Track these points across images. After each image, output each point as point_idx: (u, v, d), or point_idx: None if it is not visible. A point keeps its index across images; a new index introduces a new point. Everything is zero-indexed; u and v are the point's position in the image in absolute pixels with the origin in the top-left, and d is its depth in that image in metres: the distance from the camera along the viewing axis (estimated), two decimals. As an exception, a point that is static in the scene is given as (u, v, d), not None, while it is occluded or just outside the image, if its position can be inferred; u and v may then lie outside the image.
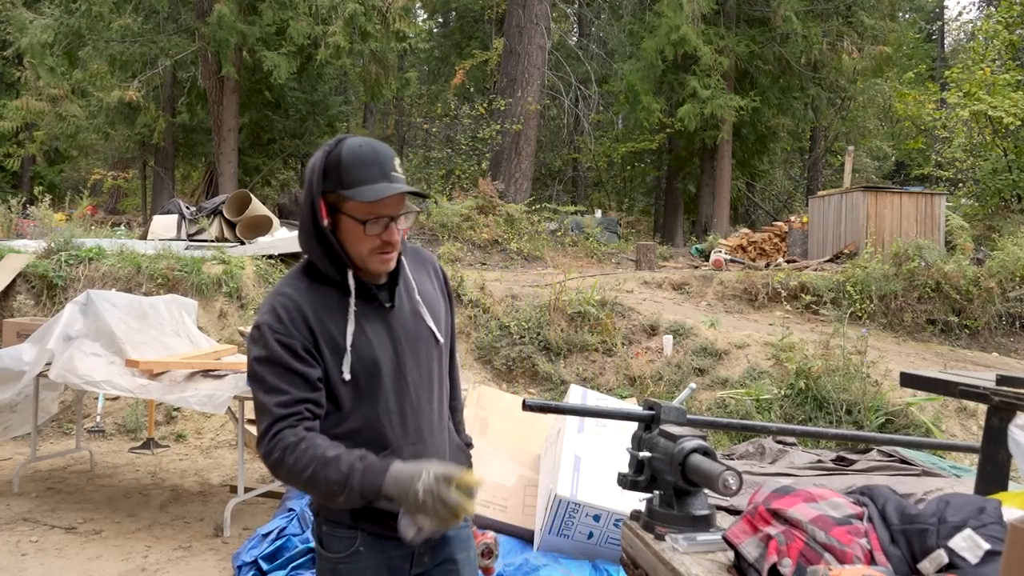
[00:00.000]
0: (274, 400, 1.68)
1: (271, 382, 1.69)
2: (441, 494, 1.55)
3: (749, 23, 16.92)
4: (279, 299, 1.74)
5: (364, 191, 1.68)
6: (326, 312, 1.75)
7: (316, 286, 1.77)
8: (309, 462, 1.63)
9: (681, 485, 1.73)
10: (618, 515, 3.26)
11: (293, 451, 1.64)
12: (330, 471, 1.62)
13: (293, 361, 1.69)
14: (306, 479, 1.64)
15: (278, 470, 1.68)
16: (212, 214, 10.46)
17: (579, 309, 7.92)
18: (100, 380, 4.68)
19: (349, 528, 1.79)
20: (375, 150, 1.73)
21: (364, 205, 1.69)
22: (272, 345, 1.70)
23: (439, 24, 29.23)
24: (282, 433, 1.66)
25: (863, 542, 1.54)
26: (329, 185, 1.71)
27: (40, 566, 4.17)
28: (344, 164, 1.70)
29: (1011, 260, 9.60)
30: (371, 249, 1.74)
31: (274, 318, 1.72)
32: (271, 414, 1.68)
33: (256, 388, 1.72)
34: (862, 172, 22.86)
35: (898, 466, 3.49)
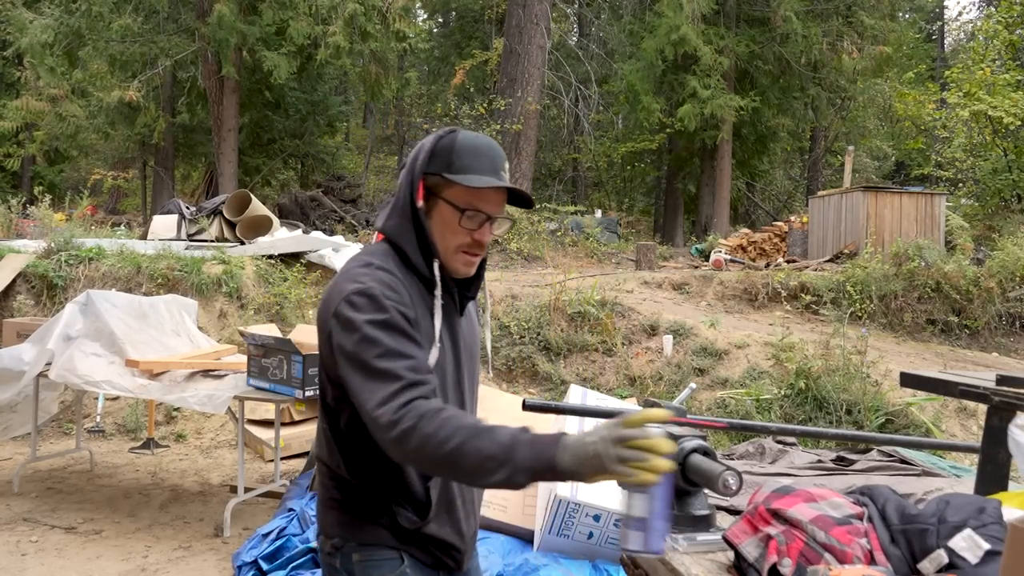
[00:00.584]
0: (402, 364, 1.47)
1: (392, 345, 1.48)
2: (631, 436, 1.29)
3: (749, 23, 16.92)
4: (379, 273, 1.57)
5: (471, 178, 1.60)
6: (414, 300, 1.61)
7: (404, 269, 1.63)
8: (454, 432, 1.37)
9: (681, 485, 1.73)
10: (618, 515, 3.26)
11: (432, 418, 1.39)
12: (484, 442, 1.35)
13: (411, 331, 1.53)
14: (449, 451, 1.36)
15: (406, 440, 1.40)
16: (212, 214, 10.46)
17: (579, 309, 7.92)
18: (100, 380, 4.68)
19: (391, 549, 1.61)
20: (490, 144, 1.67)
21: (467, 191, 1.61)
22: (390, 308, 1.52)
23: (439, 24, 29.24)
24: (416, 402, 1.43)
25: (863, 542, 1.54)
26: (434, 167, 1.63)
27: (40, 566, 4.17)
28: (457, 149, 1.62)
29: (1011, 260, 9.60)
30: (459, 245, 1.64)
31: (384, 286, 1.55)
32: (399, 378, 1.45)
33: (367, 353, 1.48)
34: (862, 172, 22.86)
35: (898, 466, 3.49)
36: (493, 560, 3.39)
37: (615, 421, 1.32)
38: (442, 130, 1.69)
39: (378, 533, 1.61)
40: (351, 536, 1.63)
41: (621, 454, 1.28)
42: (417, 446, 1.39)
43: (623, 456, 1.27)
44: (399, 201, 1.66)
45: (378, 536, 1.61)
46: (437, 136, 1.67)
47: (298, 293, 8.16)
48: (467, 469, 1.37)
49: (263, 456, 6.23)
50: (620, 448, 1.28)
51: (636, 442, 1.28)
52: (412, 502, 1.62)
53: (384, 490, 1.61)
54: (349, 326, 1.51)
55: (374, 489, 1.61)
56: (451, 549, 1.68)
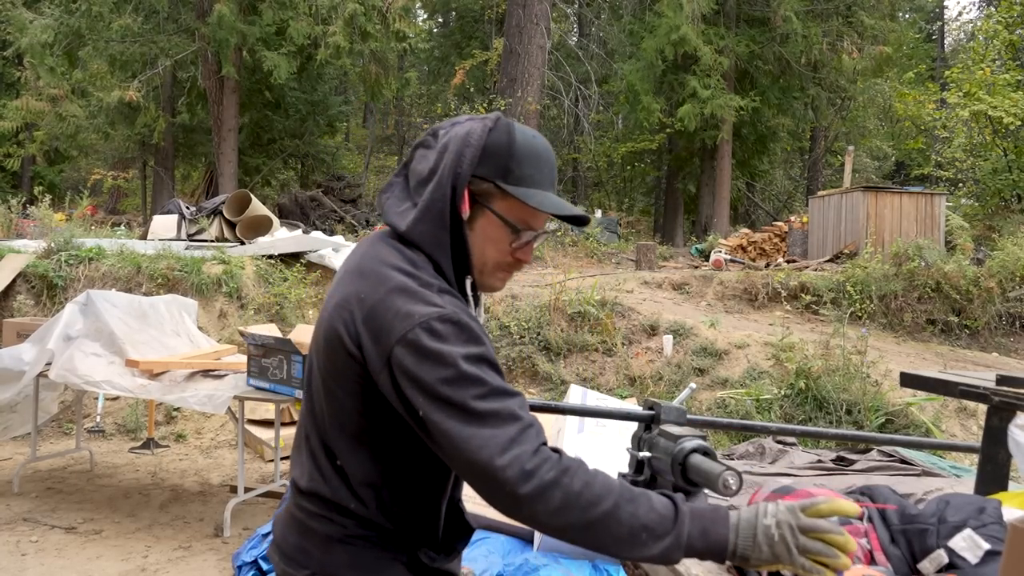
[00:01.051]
0: (515, 403, 1.25)
1: (497, 383, 1.25)
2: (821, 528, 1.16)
3: (749, 23, 16.92)
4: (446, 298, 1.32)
5: (536, 195, 1.36)
6: None
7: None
8: (606, 492, 1.19)
9: (681, 485, 1.73)
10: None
11: (577, 473, 1.20)
12: (640, 508, 1.19)
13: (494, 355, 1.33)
14: (599, 515, 1.18)
15: (547, 497, 1.18)
16: (212, 214, 10.46)
17: (579, 309, 7.92)
18: (100, 380, 4.68)
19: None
20: (547, 147, 1.41)
21: (529, 211, 1.37)
22: (483, 339, 1.29)
23: (439, 24, 29.25)
24: (546, 449, 1.22)
25: (863, 542, 1.54)
26: (486, 170, 1.35)
27: (40, 566, 4.17)
28: (517, 153, 1.36)
29: (1011, 260, 9.60)
30: (499, 262, 1.41)
31: (463, 312, 1.30)
32: (518, 419, 1.23)
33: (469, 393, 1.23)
34: (862, 172, 22.86)
35: (898, 466, 3.49)
36: (493, 560, 3.39)
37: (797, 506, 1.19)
38: (489, 119, 1.39)
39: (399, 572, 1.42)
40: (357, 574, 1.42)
41: (807, 546, 1.16)
42: (559, 505, 1.18)
43: (809, 548, 1.15)
44: (433, 203, 1.36)
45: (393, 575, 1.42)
46: (486, 127, 1.37)
47: (298, 293, 8.16)
48: (616, 537, 1.20)
49: (263, 456, 6.23)
50: (807, 539, 1.16)
51: (826, 536, 1.16)
52: (434, 540, 1.47)
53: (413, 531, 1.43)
54: (438, 360, 1.24)
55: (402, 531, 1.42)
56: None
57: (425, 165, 1.40)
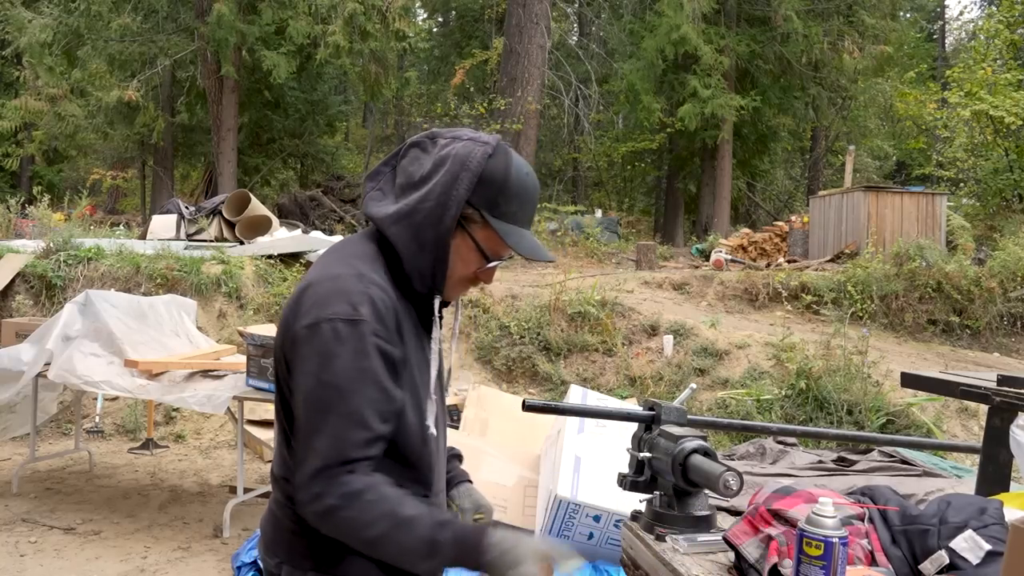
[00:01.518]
0: (350, 431, 1.31)
1: (359, 405, 1.32)
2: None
3: (749, 22, 16.92)
4: (373, 289, 1.36)
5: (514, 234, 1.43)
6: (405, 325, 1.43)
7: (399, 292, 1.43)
8: (378, 518, 1.30)
9: (682, 486, 1.72)
10: (618, 516, 3.25)
11: (356, 500, 1.30)
12: (404, 536, 1.30)
13: (387, 379, 1.35)
14: (370, 538, 1.31)
15: (328, 518, 1.32)
16: (211, 214, 10.46)
17: (579, 309, 7.91)
18: (99, 380, 4.67)
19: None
20: (535, 188, 1.48)
21: (502, 246, 1.44)
22: (371, 350, 1.33)
23: (439, 24, 29.24)
24: (343, 479, 1.31)
25: (864, 543, 1.54)
26: (478, 199, 1.41)
27: (39, 567, 4.16)
28: (509, 190, 1.42)
29: (1012, 260, 9.59)
30: (463, 278, 1.49)
31: (375, 315, 1.34)
32: (348, 446, 1.31)
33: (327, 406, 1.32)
34: (863, 172, 22.85)
35: (899, 466, 3.48)
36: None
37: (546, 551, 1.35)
38: (490, 144, 1.43)
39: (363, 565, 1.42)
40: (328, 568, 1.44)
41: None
42: (335, 526, 1.33)
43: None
44: (419, 212, 1.40)
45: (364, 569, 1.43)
46: (485, 154, 1.41)
47: (298, 293, 8.15)
48: (387, 556, 1.35)
49: (263, 456, 6.22)
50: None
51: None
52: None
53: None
54: (321, 359, 1.33)
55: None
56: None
57: (417, 169, 1.44)
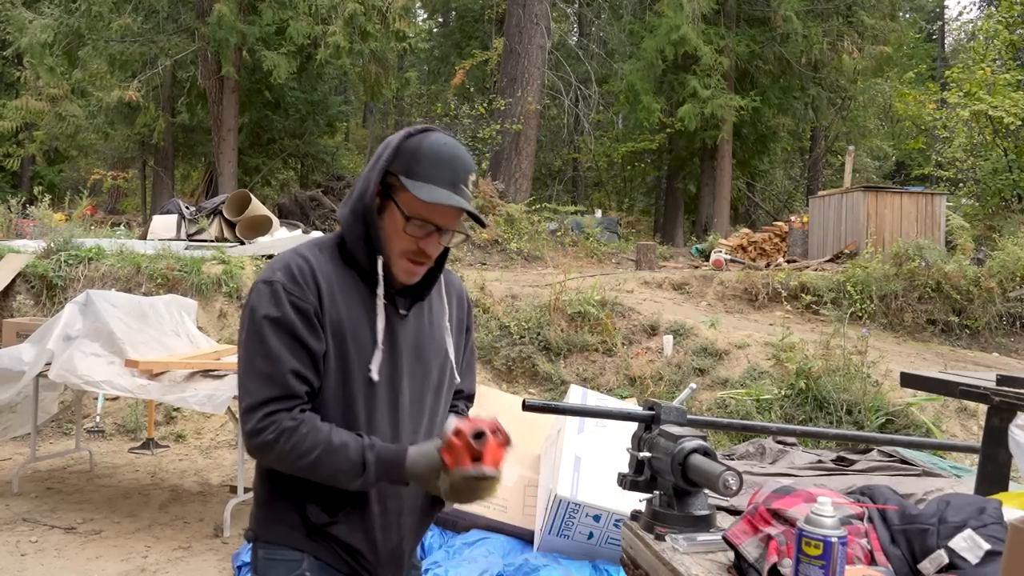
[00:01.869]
0: (277, 372, 1.52)
1: (275, 350, 1.52)
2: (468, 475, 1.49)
3: (749, 23, 16.92)
4: (295, 259, 1.59)
5: (424, 188, 1.56)
6: (341, 292, 1.60)
7: (338, 264, 1.63)
8: (312, 447, 1.51)
9: (681, 485, 1.73)
10: (618, 515, 3.26)
11: (292, 435, 1.51)
12: (338, 459, 1.52)
13: (305, 331, 1.54)
14: (307, 464, 1.52)
15: (265, 452, 1.53)
16: (212, 214, 10.46)
17: (579, 309, 7.91)
18: (100, 380, 4.68)
19: (293, 550, 1.61)
20: (454, 154, 1.61)
21: (417, 202, 1.57)
22: (285, 306, 1.53)
23: (439, 24, 29.24)
24: (278, 415, 1.51)
25: (863, 542, 1.54)
26: (396, 167, 1.59)
27: (40, 566, 4.17)
28: (420, 153, 1.58)
29: (1011, 260, 9.59)
30: (403, 251, 1.61)
31: (288, 277, 1.56)
32: (270, 389, 1.52)
33: (254, 350, 1.54)
34: (862, 172, 22.84)
35: (898, 466, 3.49)
36: (493, 560, 3.39)
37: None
38: (415, 127, 1.65)
39: (284, 532, 1.62)
40: (260, 533, 1.65)
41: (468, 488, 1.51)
42: (275, 457, 1.54)
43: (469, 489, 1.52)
44: (355, 192, 1.63)
45: (283, 536, 1.62)
46: (407, 133, 1.62)
47: (298, 293, 8.15)
48: (322, 477, 1.55)
49: (263, 456, 6.22)
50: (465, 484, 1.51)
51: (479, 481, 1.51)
52: (322, 498, 1.60)
53: (297, 483, 1.59)
54: (248, 314, 1.57)
55: (287, 482, 1.60)
56: (359, 555, 1.64)
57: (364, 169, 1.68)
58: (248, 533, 1.69)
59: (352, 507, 1.62)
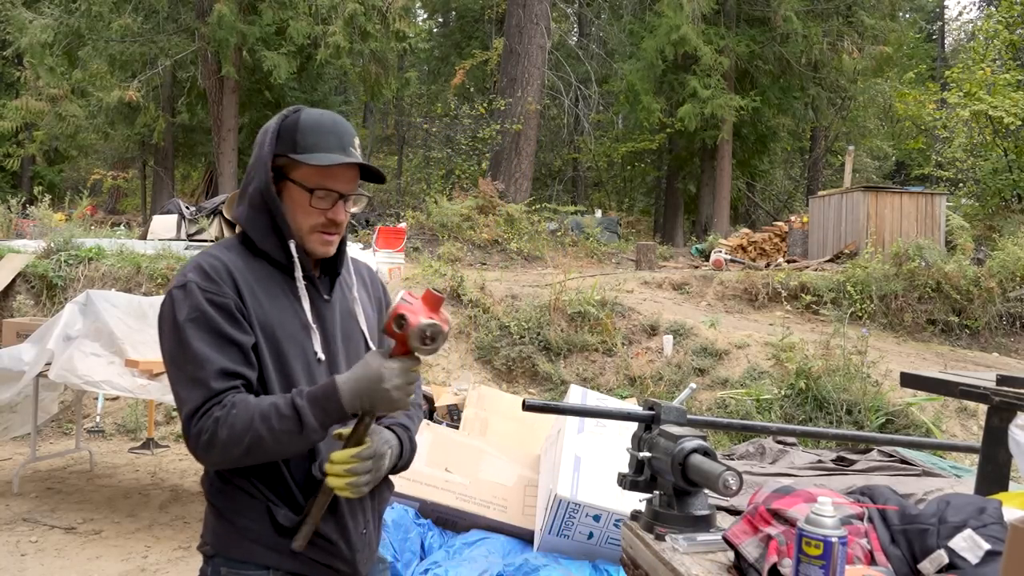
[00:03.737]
0: (207, 370, 1.45)
1: (201, 352, 1.46)
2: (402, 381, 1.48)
3: (749, 23, 16.92)
4: (204, 259, 1.56)
5: (318, 156, 1.57)
6: (258, 284, 1.57)
7: (249, 257, 1.60)
8: (246, 424, 1.43)
9: (681, 485, 1.73)
10: (618, 515, 3.26)
11: (225, 421, 1.43)
12: (273, 421, 1.43)
13: (227, 325, 1.49)
14: (248, 444, 1.43)
15: (210, 451, 1.45)
16: (212, 214, 10.46)
17: (579, 309, 7.92)
18: (100, 380, 4.68)
19: (260, 568, 1.54)
20: (334, 120, 1.63)
21: (316, 171, 1.57)
22: (203, 304, 1.49)
23: (439, 24, 29.24)
24: (212, 411, 1.45)
25: (863, 542, 1.54)
26: (281, 148, 1.59)
27: (40, 566, 4.17)
28: (301, 128, 1.59)
29: (1011, 260, 9.59)
30: (313, 225, 1.60)
31: (201, 275, 1.52)
32: (203, 391, 1.45)
33: (181, 358, 1.48)
34: (862, 172, 22.85)
35: (898, 466, 3.49)
36: (493, 560, 3.39)
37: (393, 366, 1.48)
38: (287, 109, 1.64)
39: (249, 548, 1.54)
40: (222, 548, 1.57)
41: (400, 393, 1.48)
42: (220, 452, 1.45)
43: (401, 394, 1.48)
44: (247, 185, 1.61)
45: (250, 553, 1.54)
46: (282, 116, 1.63)
47: (298, 293, 8.15)
48: (269, 452, 1.47)
49: (263, 456, 6.23)
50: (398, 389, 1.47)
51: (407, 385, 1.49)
52: (287, 497, 1.55)
53: (257, 487, 1.54)
54: (168, 323, 1.52)
55: (247, 487, 1.54)
56: (335, 548, 1.59)
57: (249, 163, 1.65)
58: (206, 548, 1.59)
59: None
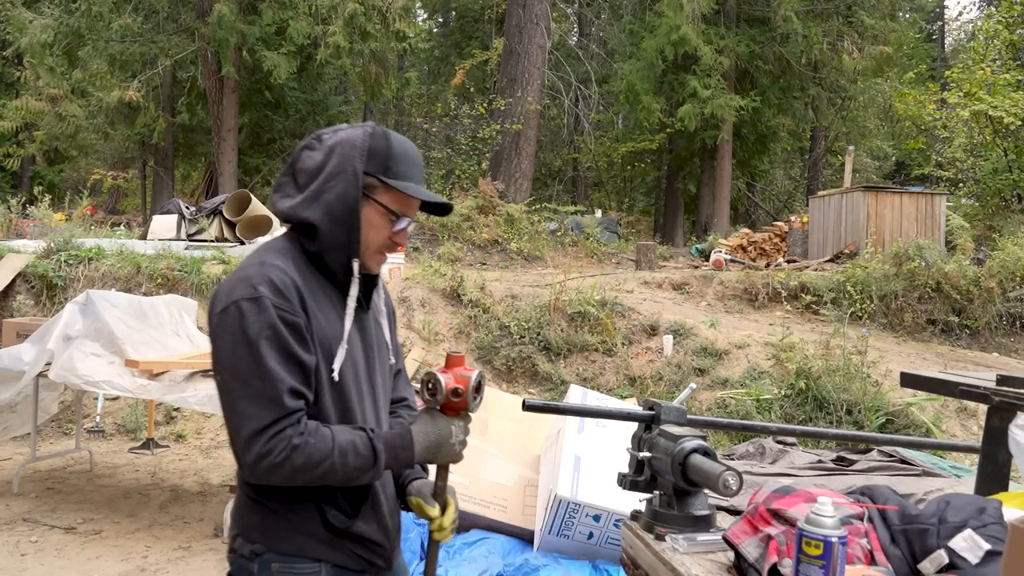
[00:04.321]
0: (279, 389, 1.47)
1: (272, 366, 1.47)
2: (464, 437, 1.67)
3: (749, 23, 16.91)
4: (272, 271, 1.54)
5: (410, 187, 1.64)
6: (314, 300, 1.58)
7: (304, 266, 1.61)
8: (324, 456, 1.50)
9: (681, 485, 1.73)
10: (618, 515, 3.26)
11: (303, 450, 1.48)
12: (350, 459, 1.52)
13: (297, 345, 1.51)
14: (321, 473, 1.51)
15: (275, 472, 1.48)
16: (212, 214, 10.46)
17: (579, 309, 7.91)
18: (100, 380, 4.68)
19: (312, 561, 1.60)
20: (416, 151, 1.71)
21: (404, 199, 1.64)
22: (276, 322, 1.49)
23: (439, 24, 29.22)
24: (285, 433, 1.47)
25: (863, 542, 1.54)
26: (372, 167, 1.61)
27: (40, 566, 4.17)
28: (394, 153, 1.63)
29: (1011, 260, 9.59)
30: (380, 246, 1.66)
31: (273, 291, 1.51)
32: (272, 411, 1.47)
33: (250, 372, 1.48)
34: (862, 172, 22.85)
35: (898, 466, 3.49)
36: (493, 560, 3.39)
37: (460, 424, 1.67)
38: (368, 126, 1.66)
39: (301, 543, 1.59)
40: (273, 545, 1.59)
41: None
42: (288, 474, 1.50)
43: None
44: (323, 192, 1.60)
45: (301, 546, 1.59)
46: (367, 133, 1.64)
47: (298, 293, 8.15)
48: (338, 480, 1.55)
49: (263, 456, 6.22)
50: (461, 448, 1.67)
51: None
52: (338, 499, 1.62)
53: (310, 491, 1.58)
54: (236, 336, 1.49)
55: (300, 491, 1.58)
56: (377, 546, 1.68)
57: (312, 163, 1.64)
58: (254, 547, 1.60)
59: (365, 502, 1.65)
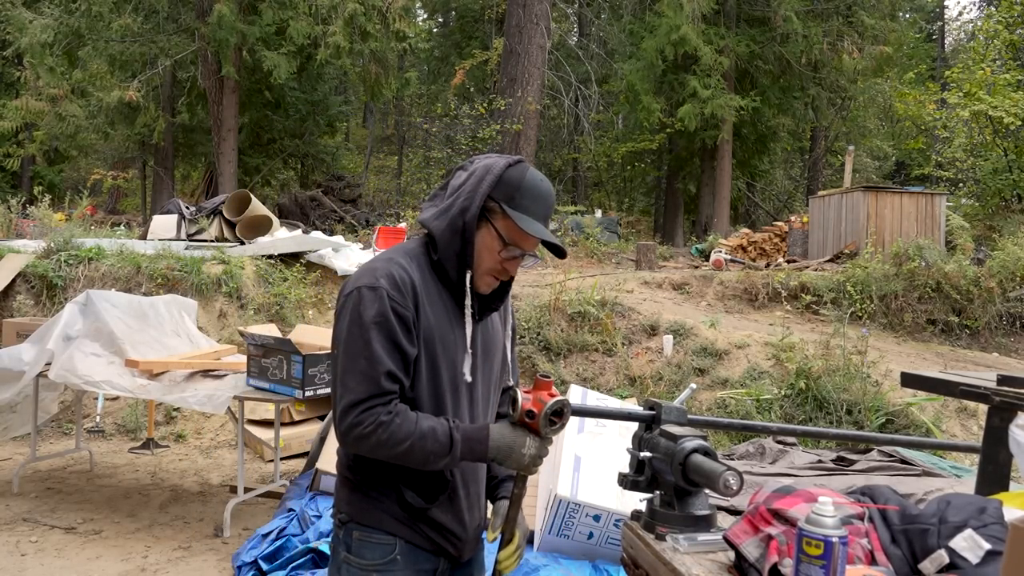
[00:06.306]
0: (376, 373, 1.67)
1: (377, 350, 1.67)
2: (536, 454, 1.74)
3: (749, 23, 16.92)
4: (395, 268, 1.74)
5: (526, 221, 1.75)
6: (430, 301, 1.76)
7: (425, 273, 1.79)
8: (406, 436, 1.66)
9: (682, 485, 1.73)
10: (618, 515, 3.26)
11: (388, 427, 1.66)
12: (429, 443, 1.68)
13: (402, 335, 1.70)
14: (401, 452, 1.68)
15: (361, 442, 1.68)
16: (212, 214, 10.45)
17: (579, 309, 7.91)
18: (100, 380, 4.68)
19: (387, 535, 1.79)
20: (549, 191, 1.82)
21: (517, 231, 1.76)
22: (388, 311, 1.69)
23: (439, 24, 29.24)
24: (376, 410, 1.67)
25: (864, 542, 1.54)
26: (498, 194, 1.76)
27: (40, 566, 4.17)
28: (523, 187, 1.77)
29: (1011, 260, 9.59)
30: (490, 269, 1.81)
31: (392, 285, 1.71)
32: (369, 387, 1.67)
33: (358, 352, 1.68)
34: (862, 172, 22.85)
35: (899, 466, 3.49)
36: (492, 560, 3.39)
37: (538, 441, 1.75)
38: (514, 158, 1.81)
39: (379, 517, 1.78)
40: (355, 515, 1.80)
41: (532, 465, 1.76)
42: (371, 446, 1.69)
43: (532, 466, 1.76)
44: (454, 207, 1.77)
45: (379, 520, 1.78)
46: (507, 163, 1.79)
47: (298, 293, 8.16)
48: (415, 462, 1.71)
49: (263, 456, 6.23)
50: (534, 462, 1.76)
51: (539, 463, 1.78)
52: (420, 484, 1.78)
53: (395, 469, 1.75)
54: (353, 317, 1.70)
55: (384, 470, 1.76)
56: (451, 535, 1.83)
57: (458, 182, 1.83)
58: (341, 516, 1.82)
59: (444, 493, 1.80)
